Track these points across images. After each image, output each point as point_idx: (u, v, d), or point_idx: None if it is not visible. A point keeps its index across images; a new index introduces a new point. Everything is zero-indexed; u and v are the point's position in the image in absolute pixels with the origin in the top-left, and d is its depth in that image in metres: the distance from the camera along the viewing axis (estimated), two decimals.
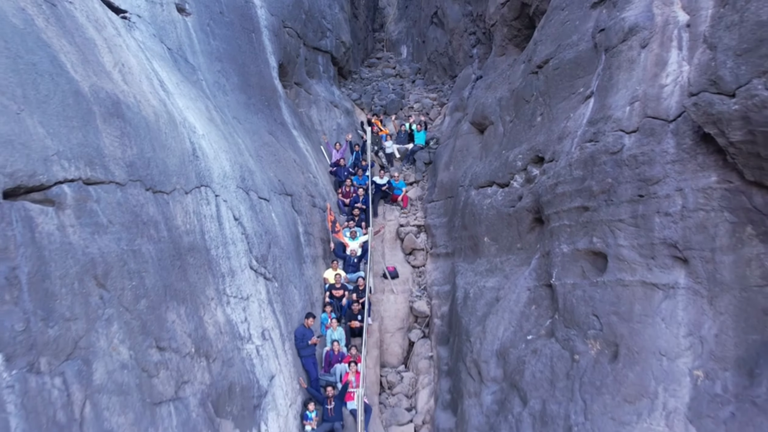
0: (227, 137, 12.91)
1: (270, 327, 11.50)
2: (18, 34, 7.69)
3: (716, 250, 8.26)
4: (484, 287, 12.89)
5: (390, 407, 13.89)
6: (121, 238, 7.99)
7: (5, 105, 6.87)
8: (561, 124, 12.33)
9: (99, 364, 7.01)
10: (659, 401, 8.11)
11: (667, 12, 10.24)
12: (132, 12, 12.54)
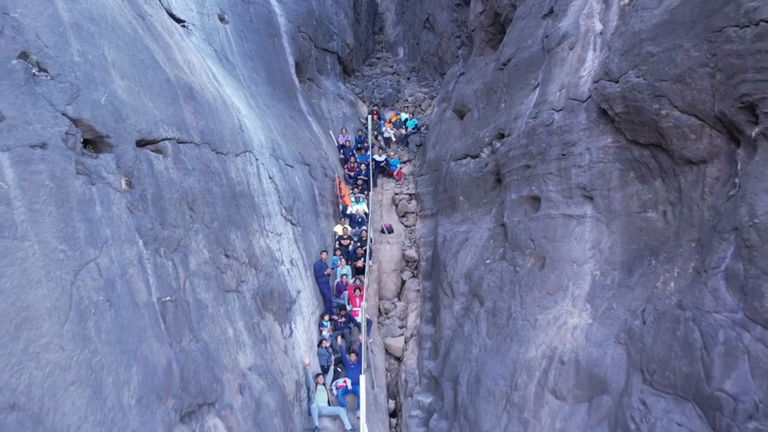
0: (261, 118, 16.09)
1: (296, 258, 14.73)
2: (131, 39, 10.85)
3: (611, 189, 11.46)
4: (457, 232, 16.12)
5: (386, 326, 17.15)
6: (200, 179, 11.19)
7: (131, 87, 10.03)
8: (517, 108, 15.48)
9: (192, 257, 10.21)
10: (569, 291, 11.33)
11: (589, 23, 13.40)
12: (189, 22, 15.69)
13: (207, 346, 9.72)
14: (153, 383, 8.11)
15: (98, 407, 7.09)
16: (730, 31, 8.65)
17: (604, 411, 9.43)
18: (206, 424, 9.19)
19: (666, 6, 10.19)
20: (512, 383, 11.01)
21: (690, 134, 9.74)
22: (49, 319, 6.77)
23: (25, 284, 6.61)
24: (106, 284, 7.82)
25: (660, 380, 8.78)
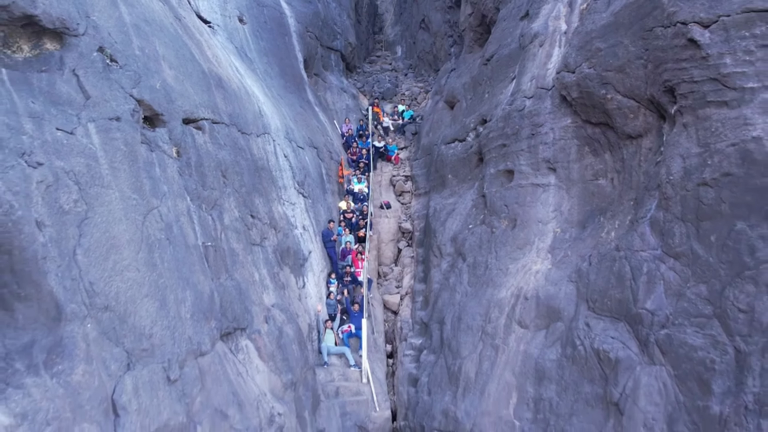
0: (276, 106, 18.06)
1: (307, 224, 16.75)
2: (174, 38, 12.81)
3: (570, 162, 13.45)
4: (446, 204, 18.12)
5: (384, 286, 19.17)
6: (230, 153, 13.18)
7: (177, 76, 12.01)
8: (497, 97, 17.44)
9: (226, 214, 12.21)
10: (535, 245, 13.33)
11: (556, 24, 15.35)
12: (214, 23, 17.66)
13: (239, 284, 11.74)
14: (201, 305, 10.11)
15: (164, 315, 9.09)
16: (657, 30, 10.62)
17: (557, 334, 11.44)
18: (240, 344, 11.21)
19: (611, 10, 12.16)
20: (487, 318, 13.03)
21: (629, 114, 11.73)
22: (128, 248, 8.78)
23: (111, 220, 8.61)
24: (166, 227, 9.83)
25: (600, 306, 10.79)
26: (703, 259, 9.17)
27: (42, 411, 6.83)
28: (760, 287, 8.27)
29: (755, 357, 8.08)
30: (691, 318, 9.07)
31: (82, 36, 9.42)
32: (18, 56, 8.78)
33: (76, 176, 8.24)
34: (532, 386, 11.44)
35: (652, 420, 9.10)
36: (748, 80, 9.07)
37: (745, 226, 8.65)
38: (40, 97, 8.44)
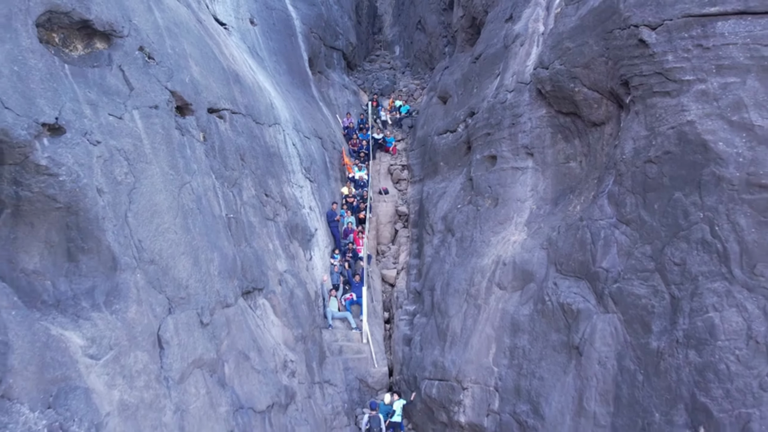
0: (284, 100, 19.58)
1: (313, 205, 18.30)
2: (198, 38, 14.32)
3: (545, 147, 14.98)
4: (438, 188, 19.67)
5: (383, 262, 20.73)
6: (247, 139, 14.71)
7: (202, 71, 13.52)
8: (484, 92, 18.94)
9: (244, 192, 13.74)
10: (514, 220, 14.88)
11: (535, 26, 16.87)
12: (228, 25, 19.16)
13: (256, 252, 13.29)
14: (226, 266, 11.66)
15: (197, 271, 10.64)
16: (615, 32, 12.13)
17: (530, 293, 12.99)
18: (257, 301, 12.77)
19: (579, 14, 13.68)
20: (471, 282, 14.57)
21: (594, 104, 13.26)
22: (167, 214, 10.32)
23: (153, 191, 10.14)
24: (196, 198, 11.37)
25: (566, 268, 12.34)
26: (648, 224, 10.72)
27: (106, 338, 8.36)
28: (691, 244, 9.83)
29: (685, 301, 9.64)
30: (638, 273, 10.63)
31: (126, 37, 10.92)
32: (74, 54, 10.30)
33: (125, 153, 9.77)
34: (508, 337, 13.00)
35: (605, 358, 10.67)
36: (686, 74, 10.61)
37: (681, 195, 10.20)
38: (95, 88, 9.95)
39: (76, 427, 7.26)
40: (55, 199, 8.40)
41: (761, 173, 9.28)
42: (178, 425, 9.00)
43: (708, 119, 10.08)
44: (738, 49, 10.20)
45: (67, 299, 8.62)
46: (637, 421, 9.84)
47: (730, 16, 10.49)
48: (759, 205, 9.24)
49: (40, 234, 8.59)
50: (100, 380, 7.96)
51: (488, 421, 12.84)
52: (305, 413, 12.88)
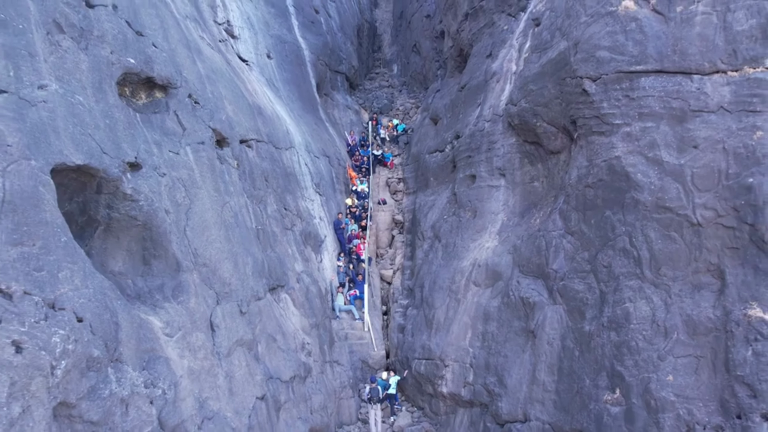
0: (297, 125, 22.18)
1: (322, 216, 20.92)
2: (229, 81, 16.92)
3: (514, 169, 17.58)
4: (428, 200, 22.29)
5: (381, 263, 23.36)
6: (269, 163, 17.32)
7: (234, 110, 16.11)
8: (468, 119, 21.54)
9: (268, 207, 16.34)
10: (488, 230, 17.49)
11: (509, 65, 19.46)
12: (249, 61, 21.76)
13: (279, 256, 15.91)
14: (257, 268, 14.27)
15: (237, 271, 13.25)
16: (567, 80, 14.74)
17: (499, 289, 15.61)
18: (280, 296, 15.38)
19: (540, 62, 16.29)
20: (453, 280, 17.20)
21: (552, 137, 15.87)
22: (214, 227, 12.93)
23: (203, 210, 12.75)
24: (234, 214, 13.99)
25: (526, 269, 14.96)
26: (586, 235, 13.35)
27: (175, 321, 10.97)
28: (616, 251, 12.46)
29: (610, 294, 12.27)
30: (578, 273, 13.26)
31: (179, 88, 13.53)
32: (139, 102, 12.93)
33: (183, 181, 12.40)
34: (481, 325, 15.63)
35: (552, 339, 13.30)
36: (616, 118, 13.23)
37: (610, 213, 12.82)
38: (158, 130, 12.59)
39: (161, 383, 9.87)
40: (135, 218, 11.03)
41: (666, 198, 11.90)
42: (228, 387, 11.63)
43: (630, 155, 12.71)
44: (655, 100, 12.82)
45: (145, 293, 11.26)
46: (573, 386, 12.49)
47: (650, 73, 13.11)
48: (664, 222, 11.87)
49: (124, 244, 11.24)
50: (174, 352, 10.59)
51: (465, 391, 15.48)
52: (319, 385, 15.53)
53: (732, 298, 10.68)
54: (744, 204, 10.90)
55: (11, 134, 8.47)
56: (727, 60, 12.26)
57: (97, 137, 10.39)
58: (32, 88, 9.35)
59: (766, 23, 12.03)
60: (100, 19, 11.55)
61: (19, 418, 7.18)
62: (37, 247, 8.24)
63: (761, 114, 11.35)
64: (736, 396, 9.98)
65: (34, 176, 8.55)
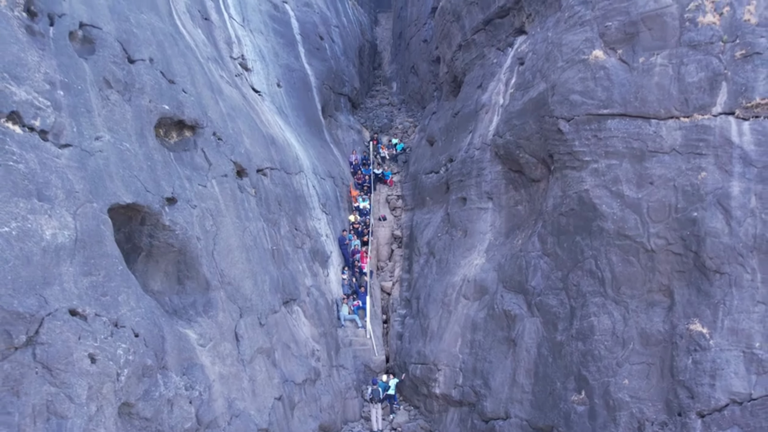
0: (305, 149, 23.90)
1: (329, 233, 22.63)
2: (247, 116, 18.63)
3: (501, 194, 19.28)
4: (424, 218, 24.00)
5: (381, 276, 25.06)
6: (282, 188, 18.99)
7: (251, 142, 17.82)
8: (460, 144, 23.23)
9: (281, 229, 18.03)
10: (477, 248, 19.19)
11: (497, 98, 21.17)
12: (262, 92, 23.49)
13: (291, 272, 17.60)
14: (273, 284, 15.96)
15: (256, 288, 14.95)
16: (545, 118, 16.45)
17: (485, 303, 17.31)
18: (293, 308, 17.07)
19: (523, 100, 18.00)
20: (445, 294, 18.90)
21: (533, 167, 17.58)
22: (237, 250, 14.63)
23: (228, 236, 14.44)
24: (253, 238, 15.69)
25: (509, 285, 16.67)
26: (560, 257, 15.07)
27: (207, 333, 12.65)
28: (584, 272, 14.17)
29: (578, 309, 13.98)
30: (552, 290, 14.97)
31: (206, 127, 15.22)
32: (171, 141, 14.64)
33: (210, 211, 14.10)
34: (469, 333, 17.33)
35: (530, 347, 15.01)
36: (586, 156, 14.94)
37: (579, 238, 14.54)
38: (188, 167, 14.28)
39: (197, 386, 11.58)
40: (172, 245, 12.73)
41: (626, 227, 13.61)
42: (251, 389, 13.33)
43: (597, 188, 14.43)
44: (618, 141, 14.53)
45: (180, 309, 12.96)
46: (546, 388, 14.19)
47: (615, 116, 14.82)
48: (624, 248, 13.58)
49: (162, 267, 12.94)
50: (207, 360, 12.29)
51: (455, 392, 17.18)
52: (327, 387, 17.24)
53: (678, 314, 12.39)
54: (689, 234, 12.61)
55: (78, 182, 10.19)
56: (680, 107, 13.97)
57: (142, 178, 12.10)
58: (91, 140, 11.07)
59: (713, 76, 13.74)
60: (140, 72, 13.27)
61: (94, 415, 8.88)
62: (101, 276, 9.96)
63: (706, 156, 13.06)
64: (678, 397, 11.68)
65: (96, 216, 10.26)
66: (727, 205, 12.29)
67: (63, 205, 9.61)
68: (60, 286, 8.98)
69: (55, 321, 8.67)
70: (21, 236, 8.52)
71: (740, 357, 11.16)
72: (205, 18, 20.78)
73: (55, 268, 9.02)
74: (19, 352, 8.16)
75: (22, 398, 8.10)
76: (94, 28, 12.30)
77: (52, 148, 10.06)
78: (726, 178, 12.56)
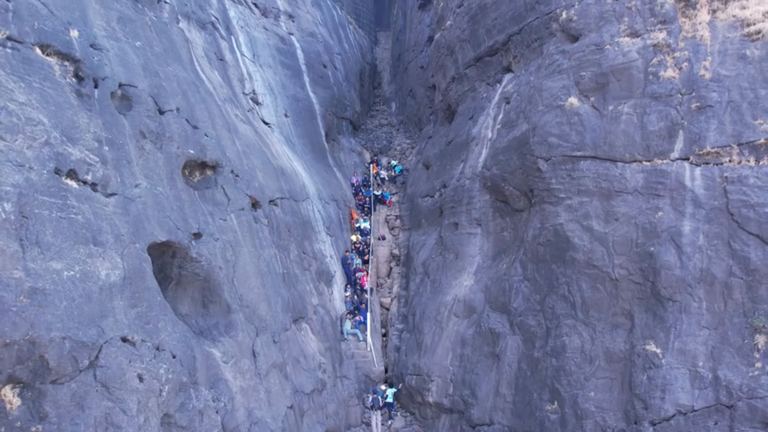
0: (310, 176, 25.57)
1: (333, 254, 24.29)
2: (260, 151, 20.29)
3: (488, 221, 20.96)
4: (420, 240, 25.68)
5: (380, 292, 26.74)
6: (291, 216, 20.65)
7: (264, 176, 19.48)
8: (453, 172, 24.88)
9: (291, 254, 19.68)
10: (467, 270, 20.85)
11: (485, 132, 22.86)
12: (271, 123, 25.18)
13: (300, 293, 19.25)
14: (284, 305, 17.60)
15: (270, 310, 16.59)
16: (527, 156, 18.12)
17: (473, 321, 18.96)
18: (302, 325, 18.72)
19: (508, 138, 19.68)
20: (438, 312, 20.56)
21: (516, 198, 19.25)
22: (253, 277, 16.28)
23: (245, 263, 16.09)
24: (267, 264, 17.35)
25: (494, 306, 18.32)
26: (539, 282, 16.73)
27: (229, 351, 14.28)
28: (558, 296, 15.83)
29: (553, 330, 15.64)
30: (532, 311, 16.63)
31: (225, 166, 16.85)
32: (194, 179, 16.28)
33: (230, 243, 15.75)
34: (459, 348, 18.99)
35: (512, 362, 16.66)
36: (561, 193, 16.62)
37: (555, 266, 16.21)
38: (210, 203, 15.94)
39: (222, 398, 13.21)
40: (198, 274, 14.37)
41: (594, 258, 15.28)
42: (267, 400, 14.97)
43: (570, 223, 16.10)
44: (589, 180, 16.21)
45: (205, 330, 14.61)
46: (525, 398, 15.85)
47: (587, 158, 16.50)
48: (592, 276, 15.25)
49: (189, 293, 14.59)
50: (230, 374, 13.93)
51: (446, 401, 18.83)
52: (332, 396, 18.90)
53: (637, 335, 14.06)
54: (647, 266, 14.29)
55: (123, 226, 11.85)
56: (642, 152, 15.66)
57: (173, 217, 13.75)
58: (131, 188, 12.74)
59: (671, 126, 15.43)
60: (169, 122, 14.94)
61: (143, 425, 10.53)
62: (144, 307, 11.61)
63: (663, 197, 14.74)
64: (634, 408, 13.33)
65: (139, 255, 11.92)
66: (679, 241, 13.96)
67: (113, 247, 11.25)
68: (113, 318, 10.62)
69: (111, 348, 10.32)
70: (83, 278, 10.17)
71: (686, 374, 12.82)
72: (220, 59, 22.49)
73: (109, 302, 10.67)
74: (83, 374, 9.80)
75: (86, 411, 9.74)
76: (131, 87, 13.98)
77: (102, 198, 11.70)
78: (679, 217, 14.23)
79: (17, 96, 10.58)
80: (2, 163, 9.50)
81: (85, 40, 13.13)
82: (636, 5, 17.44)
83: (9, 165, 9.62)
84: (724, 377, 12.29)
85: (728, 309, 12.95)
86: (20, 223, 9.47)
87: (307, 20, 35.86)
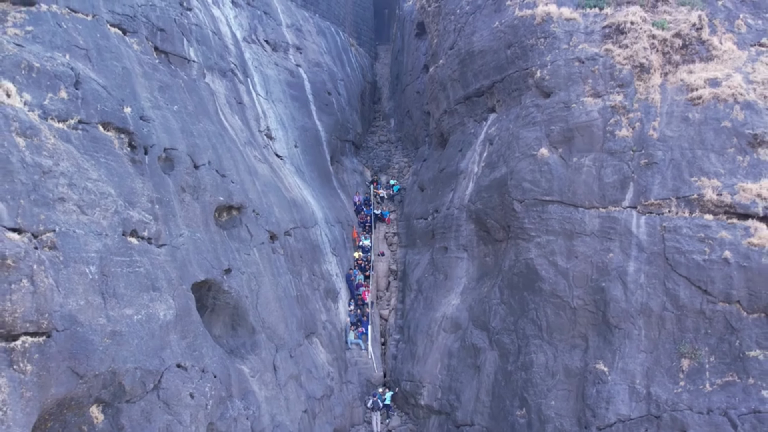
0: (318, 202, 28.02)
1: (338, 273, 26.81)
2: (275, 187, 22.74)
3: (474, 247, 23.46)
4: (414, 258, 28.21)
5: (380, 304, 29.30)
6: (302, 243, 23.15)
7: (280, 210, 21.97)
8: (444, 198, 27.31)
9: (303, 277, 22.19)
10: (454, 290, 23.39)
11: (472, 167, 25.25)
12: (284, 156, 27.61)
13: (311, 311, 21.79)
14: (298, 323, 20.12)
15: (287, 329, 19.13)
16: (505, 196, 20.60)
17: (459, 336, 21.49)
18: (312, 340, 21.26)
19: (490, 177, 22.14)
20: (429, 327, 23.11)
21: (497, 230, 21.75)
22: (273, 302, 18.81)
23: (266, 290, 18.61)
24: (283, 289, 19.87)
25: (476, 323, 20.86)
26: (513, 306, 19.27)
27: (255, 367, 16.83)
28: (528, 319, 18.37)
29: (523, 348, 18.20)
30: (507, 331, 19.18)
31: (248, 207, 19.33)
32: (222, 220, 18.76)
33: (254, 275, 18.26)
34: (447, 359, 21.55)
35: (490, 373, 19.23)
36: (532, 231, 19.12)
37: (526, 293, 18.73)
38: (236, 240, 18.43)
39: (251, 407, 15.75)
40: (228, 303, 16.89)
41: (558, 289, 17.80)
42: (286, 406, 17.54)
43: (539, 258, 18.62)
44: (556, 222, 18.70)
45: (234, 349, 17.15)
46: (500, 404, 18.44)
47: (554, 203, 18.98)
48: (556, 304, 17.78)
49: (221, 319, 17.11)
50: (256, 386, 16.49)
51: (435, 404, 21.41)
52: (339, 399, 21.50)
53: (590, 355, 16.62)
54: (599, 299, 16.83)
55: (172, 271, 14.33)
56: (599, 200, 18.15)
57: (209, 258, 16.23)
58: (177, 237, 15.21)
59: (623, 178, 17.92)
60: (203, 175, 17.36)
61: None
62: (191, 337, 14.14)
63: (614, 240, 17.25)
64: (585, 416, 15.91)
65: (185, 295, 14.41)
66: (625, 279, 16.50)
67: (167, 291, 13.73)
68: (170, 349, 13.14)
69: (169, 373, 12.84)
70: (147, 319, 12.67)
71: (626, 389, 15.39)
72: (239, 102, 24.88)
73: (166, 337, 13.18)
74: (149, 394, 12.32)
75: (152, 423, 12.27)
76: (173, 150, 16.40)
77: (155, 249, 14.15)
78: (626, 258, 16.76)
79: (91, 174, 13.01)
80: (87, 234, 11.96)
81: (136, 113, 15.52)
82: (599, 69, 19.86)
83: (92, 235, 12.07)
84: (654, 393, 14.87)
85: (661, 337, 15.51)
86: (102, 281, 11.95)
87: (313, 50, 38.10)
